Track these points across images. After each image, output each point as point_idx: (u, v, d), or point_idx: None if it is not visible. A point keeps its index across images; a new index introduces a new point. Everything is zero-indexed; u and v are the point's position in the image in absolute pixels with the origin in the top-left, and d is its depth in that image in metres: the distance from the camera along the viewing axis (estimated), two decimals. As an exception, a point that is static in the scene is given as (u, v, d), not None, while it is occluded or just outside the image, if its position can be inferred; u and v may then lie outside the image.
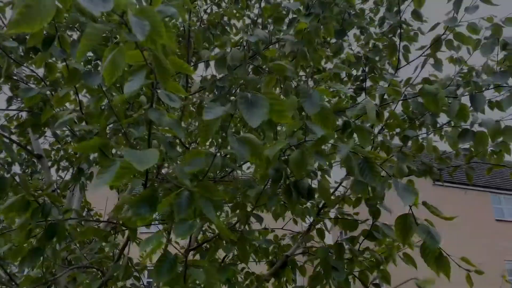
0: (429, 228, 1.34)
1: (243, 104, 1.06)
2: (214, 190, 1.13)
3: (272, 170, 1.63)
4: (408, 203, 1.24)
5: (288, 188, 1.66)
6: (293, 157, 1.45)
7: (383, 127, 2.43)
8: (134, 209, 1.13)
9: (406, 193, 1.29)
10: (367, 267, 2.29)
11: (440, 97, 1.64)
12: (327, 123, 1.41)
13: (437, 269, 1.37)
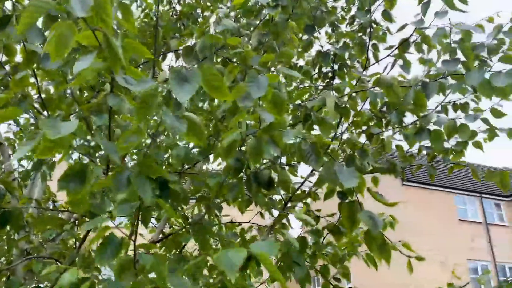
0: (372, 214, 1.38)
1: (174, 79, 1.04)
2: (155, 170, 1.10)
3: (233, 160, 1.63)
4: (350, 186, 1.27)
5: (249, 179, 1.67)
6: (250, 145, 1.46)
7: (350, 124, 2.46)
8: (61, 182, 1.10)
9: (349, 177, 1.31)
10: (329, 262, 2.33)
11: (395, 87, 1.68)
12: (279, 110, 1.42)
13: (380, 256, 1.41)
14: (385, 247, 1.44)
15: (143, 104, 1.13)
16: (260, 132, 1.51)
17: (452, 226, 21.12)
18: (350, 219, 1.50)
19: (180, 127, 1.05)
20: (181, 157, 1.83)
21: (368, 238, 1.46)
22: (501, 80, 1.64)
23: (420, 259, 2.43)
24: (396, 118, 2.39)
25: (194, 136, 1.25)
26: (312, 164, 1.48)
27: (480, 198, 22.40)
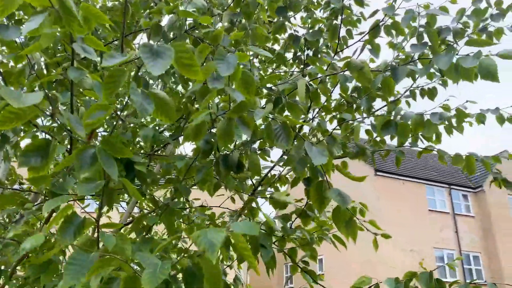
0: (340, 191, 1.40)
1: (146, 53, 1.01)
2: (120, 148, 1.08)
3: (202, 142, 1.61)
4: (318, 163, 1.28)
5: (218, 161, 1.65)
6: (219, 127, 1.44)
7: (320, 109, 2.48)
8: (22, 158, 1.06)
9: (318, 155, 1.32)
10: (298, 245, 2.35)
11: (365, 70, 1.69)
12: (249, 90, 1.40)
13: (346, 232, 1.43)
14: (351, 223, 1.46)
15: (111, 80, 1.10)
16: (230, 112, 1.49)
17: (421, 216, 21.79)
18: (318, 199, 1.51)
19: (147, 106, 1.02)
20: (149, 138, 1.79)
21: (336, 215, 1.48)
22: (469, 62, 1.66)
23: (387, 237, 2.49)
24: (366, 104, 2.42)
25: (163, 114, 1.22)
26: (282, 143, 1.47)
27: (449, 189, 23.14)
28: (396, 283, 1.85)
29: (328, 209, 1.78)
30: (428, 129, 2.28)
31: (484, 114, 2.35)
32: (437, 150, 2.69)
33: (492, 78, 1.63)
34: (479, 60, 1.62)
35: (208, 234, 1.01)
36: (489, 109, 2.37)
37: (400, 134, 2.27)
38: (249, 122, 1.53)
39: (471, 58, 1.57)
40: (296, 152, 1.64)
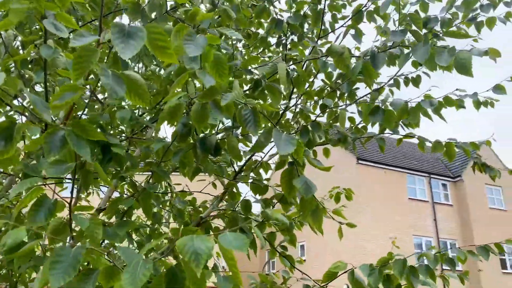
0: (306, 180, 1.40)
1: (117, 34, 0.98)
2: (91, 130, 1.04)
3: (179, 125, 1.58)
4: (285, 153, 1.27)
5: (195, 144, 1.63)
6: (194, 109, 1.41)
7: (302, 95, 2.46)
8: None
9: (285, 143, 1.31)
10: (278, 230, 2.36)
11: (345, 56, 1.68)
12: (221, 73, 1.38)
13: (313, 222, 1.44)
14: (318, 212, 1.46)
15: (80, 60, 1.05)
16: (201, 96, 1.46)
17: (401, 204, 22.22)
18: (287, 185, 1.51)
19: (118, 89, 0.98)
20: (126, 120, 1.76)
21: (303, 204, 1.49)
22: (444, 59, 1.66)
23: (352, 226, 2.53)
24: (347, 89, 2.41)
25: (136, 96, 1.18)
26: (250, 129, 1.46)
27: (429, 178, 23.61)
28: (371, 269, 1.88)
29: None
30: (413, 116, 2.29)
31: (463, 99, 2.38)
32: (417, 137, 2.72)
33: (466, 72, 1.65)
34: (455, 55, 1.64)
35: (195, 242, 0.96)
36: (467, 94, 2.40)
37: (386, 121, 2.28)
38: (223, 106, 1.51)
39: (446, 54, 1.58)
40: (264, 138, 1.63)
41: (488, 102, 2.49)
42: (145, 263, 1.07)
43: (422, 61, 1.70)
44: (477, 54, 1.83)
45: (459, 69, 1.66)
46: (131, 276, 1.00)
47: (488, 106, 2.54)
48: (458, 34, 1.75)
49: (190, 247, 0.94)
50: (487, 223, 23.26)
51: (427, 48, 1.63)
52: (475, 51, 1.82)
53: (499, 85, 2.38)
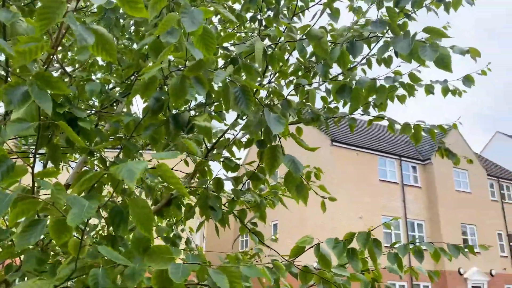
0: (293, 158, 1.42)
1: None
2: (55, 83, 1.01)
3: (152, 99, 1.55)
4: (277, 131, 1.29)
5: (167, 120, 1.61)
6: (172, 83, 1.39)
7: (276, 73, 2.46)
8: None
9: (276, 123, 1.33)
10: (248, 207, 2.39)
11: (323, 41, 1.68)
12: (208, 47, 1.36)
13: (297, 196, 1.46)
14: (302, 187, 1.49)
15: (45, 11, 1.00)
16: (187, 70, 1.43)
17: (372, 185, 22.82)
18: (270, 163, 1.52)
19: (87, 37, 0.94)
20: (95, 92, 1.71)
21: (288, 180, 1.51)
22: (428, 55, 1.70)
23: (333, 200, 2.59)
24: (323, 70, 2.42)
25: (103, 51, 1.14)
26: (242, 107, 1.45)
27: (400, 160, 24.26)
28: (336, 242, 1.94)
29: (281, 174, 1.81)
30: (380, 94, 2.33)
31: (433, 85, 2.43)
32: (387, 119, 2.77)
33: (445, 67, 1.71)
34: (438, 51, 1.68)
35: (129, 164, 1.00)
36: (438, 81, 2.45)
37: (353, 99, 2.31)
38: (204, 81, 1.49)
39: (429, 50, 1.62)
40: (254, 117, 1.63)
41: (456, 91, 2.55)
42: (90, 204, 1.07)
43: (404, 53, 1.73)
44: (458, 53, 1.92)
45: (439, 64, 1.71)
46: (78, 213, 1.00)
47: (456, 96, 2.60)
48: (436, 32, 1.77)
49: (123, 167, 0.98)
50: (453, 205, 24.23)
51: (408, 42, 1.66)
52: (456, 50, 1.89)
53: (469, 76, 2.43)
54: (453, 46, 1.88)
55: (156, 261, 1.21)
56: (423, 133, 2.67)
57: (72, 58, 3.01)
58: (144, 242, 1.20)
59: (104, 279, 1.16)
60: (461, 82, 2.43)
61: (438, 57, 1.71)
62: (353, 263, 2.06)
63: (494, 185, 28.70)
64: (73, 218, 0.95)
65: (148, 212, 1.12)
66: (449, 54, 1.70)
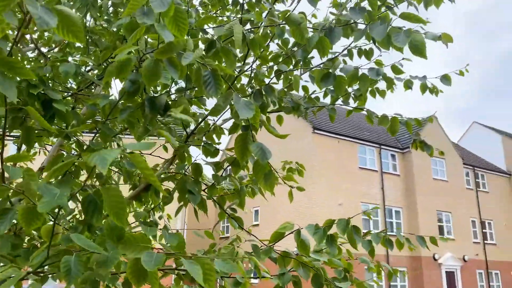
0: (262, 145, 1.42)
1: None
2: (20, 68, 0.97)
3: (128, 82, 1.52)
4: (246, 117, 1.27)
5: (143, 103, 1.58)
6: (145, 65, 1.36)
7: (257, 59, 2.44)
8: None
9: (245, 108, 1.32)
10: (228, 193, 2.38)
11: (302, 26, 1.67)
12: (181, 29, 1.33)
13: (265, 184, 1.46)
14: (270, 176, 1.49)
15: None
16: (157, 52, 1.40)
17: (352, 173, 23.15)
18: (241, 150, 1.52)
19: (48, 19, 0.90)
20: (70, 74, 1.66)
21: (256, 167, 1.50)
22: (401, 40, 1.71)
23: (300, 190, 2.62)
24: (302, 55, 2.41)
25: (69, 32, 1.10)
26: (211, 92, 1.43)
27: (379, 149, 24.63)
28: (316, 228, 1.96)
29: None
30: (362, 83, 2.34)
31: (412, 80, 2.46)
32: (366, 110, 2.79)
33: (420, 54, 1.71)
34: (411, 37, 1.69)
35: (102, 152, 0.99)
36: (417, 76, 2.48)
37: (336, 87, 2.32)
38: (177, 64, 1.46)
39: (403, 35, 1.63)
40: (223, 102, 1.61)
41: (434, 89, 2.58)
42: (62, 192, 1.05)
43: (379, 39, 1.73)
44: (431, 38, 1.93)
45: (414, 51, 1.73)
46: (48, 201, 0.99)
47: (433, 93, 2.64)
48: (413, 17, 1.78)
49: (95, 155, 0.97)
50: (430, 193, 24.83)
51: (385, 27, 1.66)
52: (429, 35, 1.91)
53: (447, 76, 2.46)
54: (426, 32, 1.90)
55: (131, 249, 1.20)
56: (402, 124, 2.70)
57: (48, 38, 2.92)
58: (118, 230, 1.19)
59: (76, 267, 1.15)
60: (439, 81, 2.47)
61: (413, 44, 1.72)
62: (332, 249, 2.09)
63: (470, 174, 29.51)
64: (43, 206, 0.92)
65: (121, 201, 1.10)
66: (423, 40, 1.70)
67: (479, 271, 27.16)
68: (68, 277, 1.13)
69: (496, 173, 31.44)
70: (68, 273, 1.12)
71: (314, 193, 21.18)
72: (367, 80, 2.33)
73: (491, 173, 31.06)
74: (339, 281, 2.08)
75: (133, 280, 1.25)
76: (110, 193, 1.10)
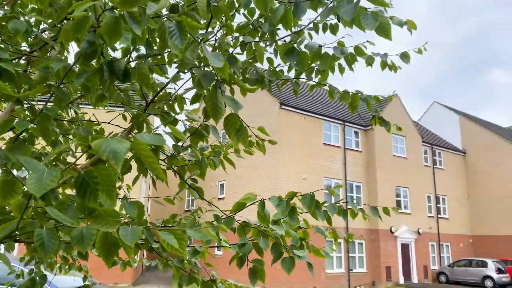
0: (232, 97, 1.42)
1: None
2: None
3: (85, 43, 1.44)
4: (217, 66, 1.27)
5: (102, 67, 1.51)
6: (105, 22, 1.29)
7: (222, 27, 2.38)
8: None
9: (215, 58, 1.30)
10: (188, 164, 2.36)
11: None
12: None
13: (237, 139, 1.47)
14: (242, 131, 1.49)
15: None
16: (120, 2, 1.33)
17: (316, 149, 23.59)
18: (214, 107, 1.49)
19: None
20: (20, 32, 1.56)
21: (228, 123, 1.50)
22: (369, 23, 1.72)
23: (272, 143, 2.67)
24: (268, 28, 2.39)
25: None
26: (176, 42, 1.38)
27: (343, 125, 25.14)
28: (279, 200, 1.99)
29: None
30: (324, 61, 2.36)
31: (373, 57, 2.48)
32: (328, 85, 2.81)
33: (385, 35, 1.76)
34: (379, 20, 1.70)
35: (111, 143, 0.97)
36: (378, 53, 2.50)
37: (299, 63, 2.32)
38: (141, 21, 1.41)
39: (371, 18, 1.64)
40: (190, 55, 1.57)
41: (392, 66, 2.62)
42: (50, 171, 1.02)
43: (347, 19, 1.73)
44: (396, 23, 1.99)
45: (379, 32, 1.76)
46: (38, 181, 0.96)
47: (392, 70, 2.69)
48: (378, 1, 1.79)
49: (107, 147, 0.95)
50: (389, 169, 25.77)
51: (352, 7, 1.66)
52: (395, 20, 1.96)
53: (406, 53, 2.51)
54: (393, 16, 1.94)
55: (102, 223, 1.19)
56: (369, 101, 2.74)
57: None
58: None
59: (50, 239, 1.13)
60: (399, 58, 2.52)
61: (379, 25, 1.75)
62: (292, 221, 2.14)
63: (428, 152, 30.81)
64: (34, 188, 0.89)
65: (111, 179, 1.09)
66: (389, 23, 1.75)
67: (432, 243, 28.82)
68: (43, 250, 1.13)
69: (452, 151, 33.00)
70: (42, 246, 1.11)
71: (279, 168, 21.48)
72: (329, 59, 2.35)
73: (447, 151, 32.57)
74: (297, 249, 2.14)
75: (103, 254, 1.24)
76: (101, 172, 1.08)
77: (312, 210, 2.08)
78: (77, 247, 1.17)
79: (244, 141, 1.51)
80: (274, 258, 2.02)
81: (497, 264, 25.60)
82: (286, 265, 2.02)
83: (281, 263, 2.02)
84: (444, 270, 27.53)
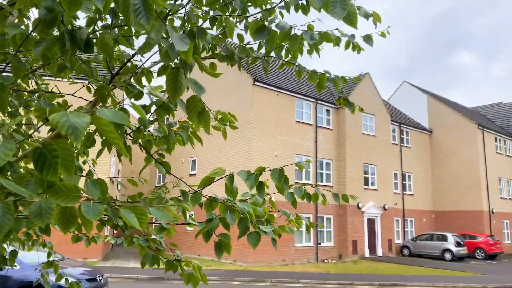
0: (196, 80, 1.40)
1: None
2: None
3: (43, 9, 1.37)
4: (180, 49, 1.24)
5: (62, 36, 1.44)
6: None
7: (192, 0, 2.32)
8: None
9: (180, 40, 1.27)
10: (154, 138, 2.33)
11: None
12: None
13: (199, 122, 1.46)
14: (204, 114, 1.48)
15: None
16: None
17: (288, 126, 23.74)
18: (173, 87, 1.47)
19: None
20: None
21: (189, 106, 1.48)
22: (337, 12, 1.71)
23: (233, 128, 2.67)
24: (240, 5, 2.35)
25: None
26: (142, 20, 1.33)
27: (315, 103, 25.34)
28: (248, 174, 2.00)
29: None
30: (293, 43, 2.36)
31: (340, 38, 2.49)
32: (297, 65, 2.81)
33: (351, 24, 1.80)
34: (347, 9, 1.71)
35: (71, 117, 0.93)
36: (346, 34, 2.51)
37: (268, 42, 2.32)
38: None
39: (339, 8, 1.63)
40: (155, 35, 1.53)
41: (356, 47, 2.64)
42: (5, 143, 0.98)
43: (317, 5, 1.73)
44: (362, 15, 2.04)
45: (346, 20, 1.78)
46: None
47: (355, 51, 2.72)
48: None
49: (66, 121, 0.91)
50: (358, 146, 26.34)
51: None
52: (362, 11, 2.02)
53: (369, 36, 2.55)
54: (359, 7, 1.97)
55: (61, 198, 1.16)
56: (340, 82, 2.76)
57: None
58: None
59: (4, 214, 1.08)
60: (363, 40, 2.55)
61: (346, 15, 1.78)
62: (260, 195, 2.16)
63: (396, 130, 31.61)
64: None
65: (70, 154, 1.05)
66: (356, 12, 1.78)
67: (397, 218, 29.97)
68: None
69: (419, 130, 34.00)
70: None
71: (252, 144, 21.56)
72: (297, 40, 2.34)
73: (414, 130, 33.53)
74: (263, 224, 2.17)
75: (61, 225, 1.22)
76: (60, 145, 1.04)
77: (281, 185, 2.10)
78: (36, 222, 1.14)
79: (206, 124, 1.50)
80: (241, 233, 2.05)
81: (456, 238, 26.97)
82: (252, 240, 2.05)
83: (247, 238, 2.05)
84: (408, 244, 28.79)
